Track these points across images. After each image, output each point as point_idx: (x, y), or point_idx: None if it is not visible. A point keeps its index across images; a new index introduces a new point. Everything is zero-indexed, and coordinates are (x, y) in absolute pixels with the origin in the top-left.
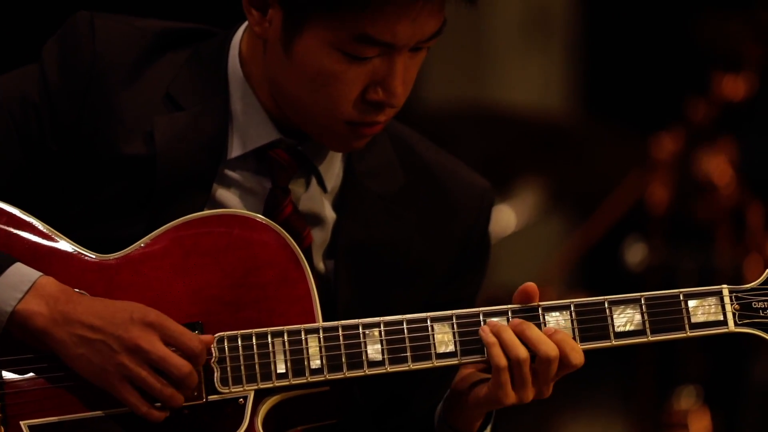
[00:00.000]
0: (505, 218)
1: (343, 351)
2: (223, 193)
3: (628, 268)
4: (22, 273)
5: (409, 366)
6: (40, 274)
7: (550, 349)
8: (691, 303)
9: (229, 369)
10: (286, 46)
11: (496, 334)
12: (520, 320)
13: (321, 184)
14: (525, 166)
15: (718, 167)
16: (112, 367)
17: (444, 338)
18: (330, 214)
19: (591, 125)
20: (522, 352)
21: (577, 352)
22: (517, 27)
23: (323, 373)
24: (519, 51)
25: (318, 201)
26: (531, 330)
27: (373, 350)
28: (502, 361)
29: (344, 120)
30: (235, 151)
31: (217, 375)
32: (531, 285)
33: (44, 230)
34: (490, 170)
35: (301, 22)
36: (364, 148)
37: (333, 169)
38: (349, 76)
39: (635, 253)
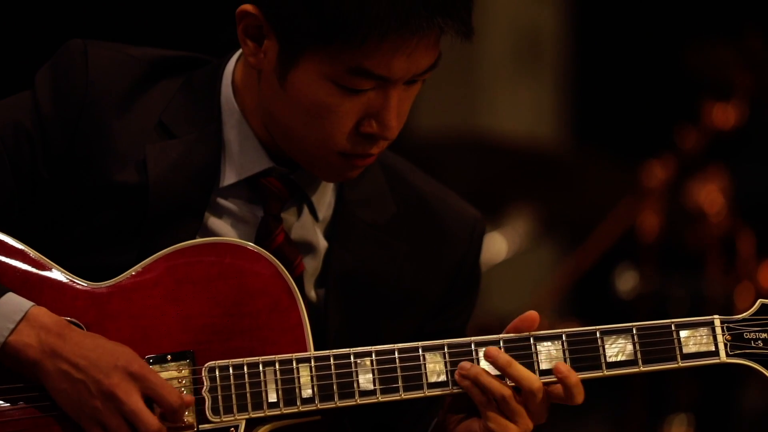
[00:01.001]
0: (496, 246)
1: (334, 380)
2: (215, 222)
3: (619, 296)
4: (14, 303)
5: (400, 395)
6: (32, 304)
7: (532, 381)
8: (683, 333)
9: (220, 398)
10: (281, 78)
11: (472, 380)
12: (496, 356)
13: (313, 212)
14: (516, 194)
15: (708, 195)
16: (87, 409)
17: (435, 368)
18: (322, 243)
19: (582, 153)
20: (501, 390)
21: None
22: (508, 56)
23: (315, 403)
24: (510, 79)
25: (310, 230)
26: (512, 367)
27: (365, 379)
28: (483, 399)
29: (337, 151)
30: (228, 179)
31: (208, 404)
32: (533, 313)
33: (36, 258)
34: (481, 198)
35: (296, 54)
36: (356, 178)
37: (325, 198)
38: (344, 109)
39: (626, 281)
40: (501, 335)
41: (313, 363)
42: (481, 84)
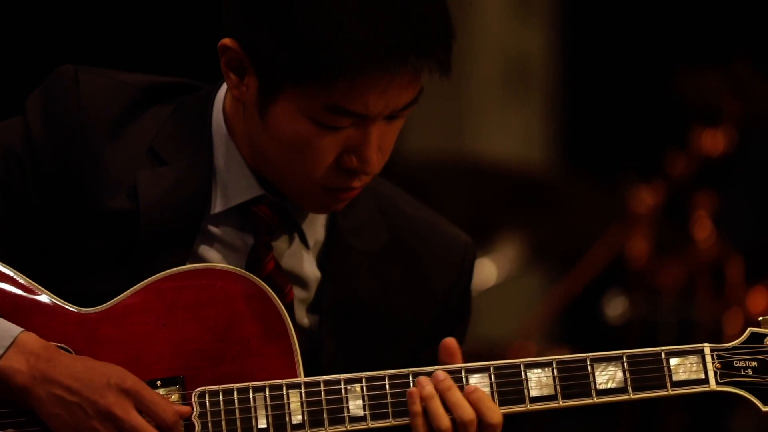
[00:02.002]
0: (485, 271)
1: (324, 406)
2: (205, 249)
3: (608, 322)
4: (3, 328)
5: (390, 422)
6: (22, 329)
7: (465, 413)
8: (673, 361)
9: (210, 424)
10: (262, 112)
11: (424, 401)
12: (445, 379)
13: (303, 240)
14: (505, 220)
15: (697, 221)
16: (85, 431)
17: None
18: (313, 271)
19: (571, 179)
20: (444, 422)
21: (493, 412)
22: (497, 81)
23: (305, 429)
24: (500, 105)
25: (300, 257)
26: (451, 393)
27: (355, 405)
28: (423, 430)
29: (320, 185)
30: (219, 206)
31: (198, 429)
32: (449, 340)
33: (25, 283)
34: (470, 223)
35: (275, 90)
36: (348, 205)
37: (316, 225)
38: (323, 144)
39: (615, 307)
40: (491, 362)
41: (303, 389)
42: (471, 109)
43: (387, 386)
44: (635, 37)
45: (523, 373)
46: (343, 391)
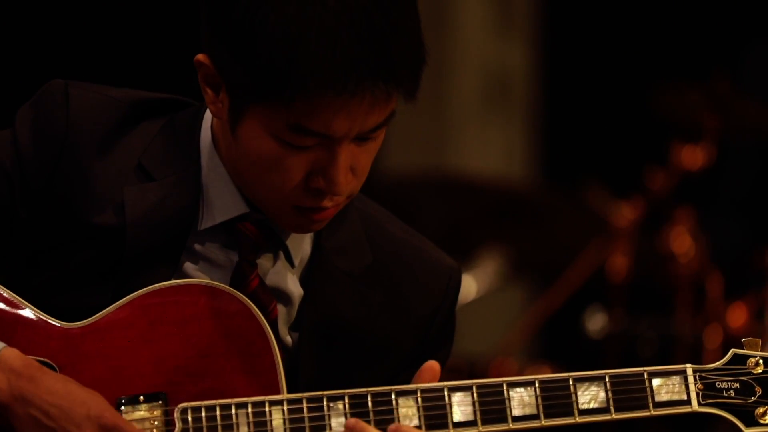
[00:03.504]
0: (465, 287)
1: (307, 423)
2: (190, 266)
3: (588, 337)
4: None
5: None
6: (3, 345)
7: None
8: (656, 381)
9: None
10: (233, 129)
11: None
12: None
13: (288, 258)
14: (486, 235)
15: (677, 237)
16: None
17: (408, 412)
18: (297, 289)
19: (551, 194)
20: None
21: None
22: (478, 96)
23: None
24: (480, 120)
25: (285, 276)
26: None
27: (337, 423)
28: None
29: (290, 204)
30: (205, 223)
31: None
32: (432, 363)
33: (9, 297)
34: (450, 238)
35: (242, 107)
36: (334, 225)
37: (301, 244)
38: (289, 163)
39: (596, 322)
40: (474, 381)
41: (285, 406)
42: (451, 124)
43: (370, 404)
44: (615, 53)
45: (505, 392)
46: (325, 408)
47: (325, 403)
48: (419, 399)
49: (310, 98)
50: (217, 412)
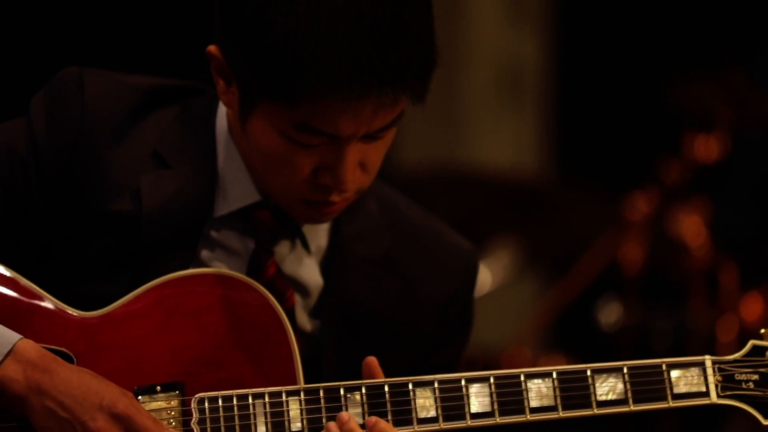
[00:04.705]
0: (480, 278)
1: (324, 414)
2: (207, 253)
3: (602, 329)
4: (2, 335)
5: None
6: (20, 337)
7: None
8: (674, 373)
9: (209, 430)
10: (243, 123)
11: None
12: (348, 421)
13: (305, 245)
14: (499, 227)
15: (691, 228)
16: None
17: (425, 403)
18: (315, 276)
19: (565, 186)
20: None
21: None
22: (490, 89)
23: None
24: (492, 112)
25: (302, 263)
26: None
27: (354, 413)
28: None
29: (298, 197)
30: (221, 210)
31: None
32: (370, 359)
33: (26, 286)
34: (464, 231)
35: (251, 103)
36: (352, 211)
37: (318, 231)
38: (297, 159)
39: (609, 314)
40: (491, 372)
41: (302, 396)
42: (464, 117)
43: (387, 394)
44: (628, 44)
45: (523, 383)
46: (342, 398)
47: (342, 393)
48: (436, 390)
49: (315, 100)
50: (234, 402)
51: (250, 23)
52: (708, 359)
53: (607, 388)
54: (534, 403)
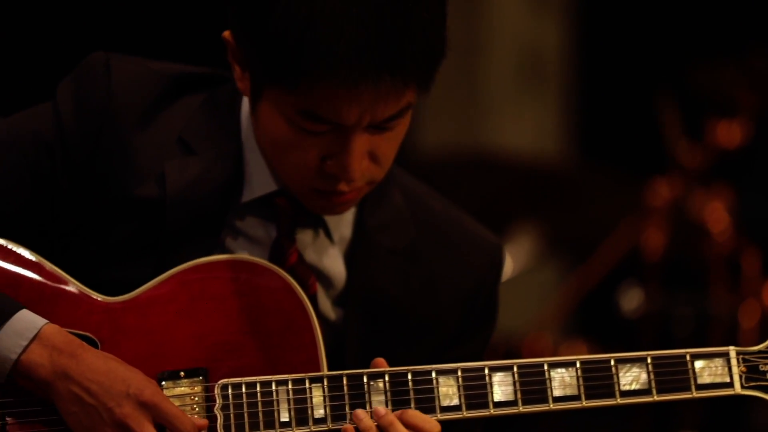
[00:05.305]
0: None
1: (347, 401)
2: (230, 240)
3: (623, 314)
4: (27, 320)
5: None
6: (46, 321)
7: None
8: (698, 364)
9: (232, 416)
10: (253, 108)
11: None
12: (386, 415)
13: (328, 235)
14: (521, 213)
15: (713, 213)
16: None
17: (448, 391)
18: (338, 266)
19: (586, 172)
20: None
21: (431, 424)
22: (512, 74)
23: (327, 423)
24: (514, 99)
25: (325, 252)
26: (393, 427)
27: (377, 401)
28: None
29: (308, 186)
30: (245, 197)
31: (220, 422)
32: (379, 359)
33: (51, 271)
34: (485, 217)
35: (259, 88)
36: (376, 202)
37: (341, 220)
38: (303, 146)
39: (631, 299)
40: (515, 361)
41: (326, 383)
42: (485, 102)
43: (410, 382)
44: (651, 29)
45: (546, 372)
46: (365, 386)
47: (365, 380)
48: (459, 378)
49: (314, 85)
50: (258, 389)
51: (254, 6)
52: (732, 350)
53: (631, 377)
54: (557, 393)
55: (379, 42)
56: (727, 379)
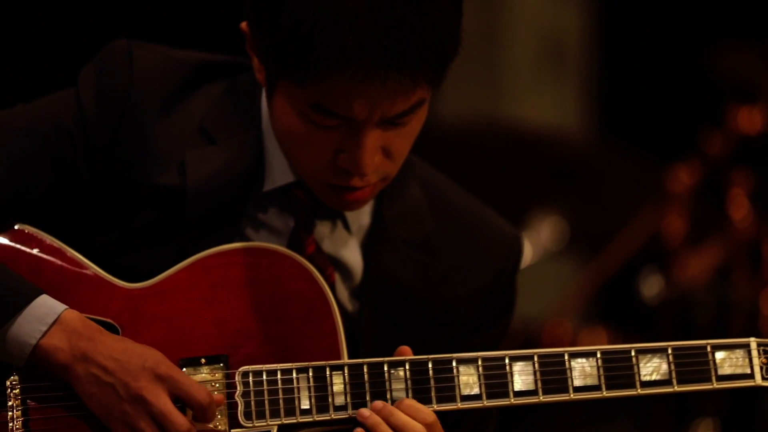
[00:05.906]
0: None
1: (367, 389)
2: (250, 230)
3: (644, 301)
4: (47, 305)
5: (433, 407)
6: (66, 307)
7: (415, 429)
8: (719, 355)
9: (253, 403)
10: (269, 101)
11: (373, 429)
12: (383, 407)
13: (346, 225)
14: (540, 199)
15: (734, 200)
16: (116, 413)
17: (469, 380)
18: (355, 256)
19: (606, 158)
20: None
21: (425, 413)
22: (531, 59)
23: (347, 411)
24: (534, 85)
25: (343, 243)
26: (394, 417)
27: (398, 389)
28: None
29: (321, 180)
30: (265, 186)
31: (240, 408)
32: (404, 348)
33: (72, 257)
34: (505, 203)
35: (274, 80)
36: (394, 193)
37: (360, 213)
38: (316, 140)
39: (651, 286)
40: (535, 350)
41: (346, 371)
42: (506, 88)
43: (430, 371)
44: (672, 13)
45: (567, 362)
46: (386, 374)
47: (386, 369)
48: (480, 367)
49: (322, 79)
50: (278, 376)
51: (267, 0)
52: (753, 341)
53: (652, 368)
54: (578, 383)
55: (386, 39)
56: (748, 371)
